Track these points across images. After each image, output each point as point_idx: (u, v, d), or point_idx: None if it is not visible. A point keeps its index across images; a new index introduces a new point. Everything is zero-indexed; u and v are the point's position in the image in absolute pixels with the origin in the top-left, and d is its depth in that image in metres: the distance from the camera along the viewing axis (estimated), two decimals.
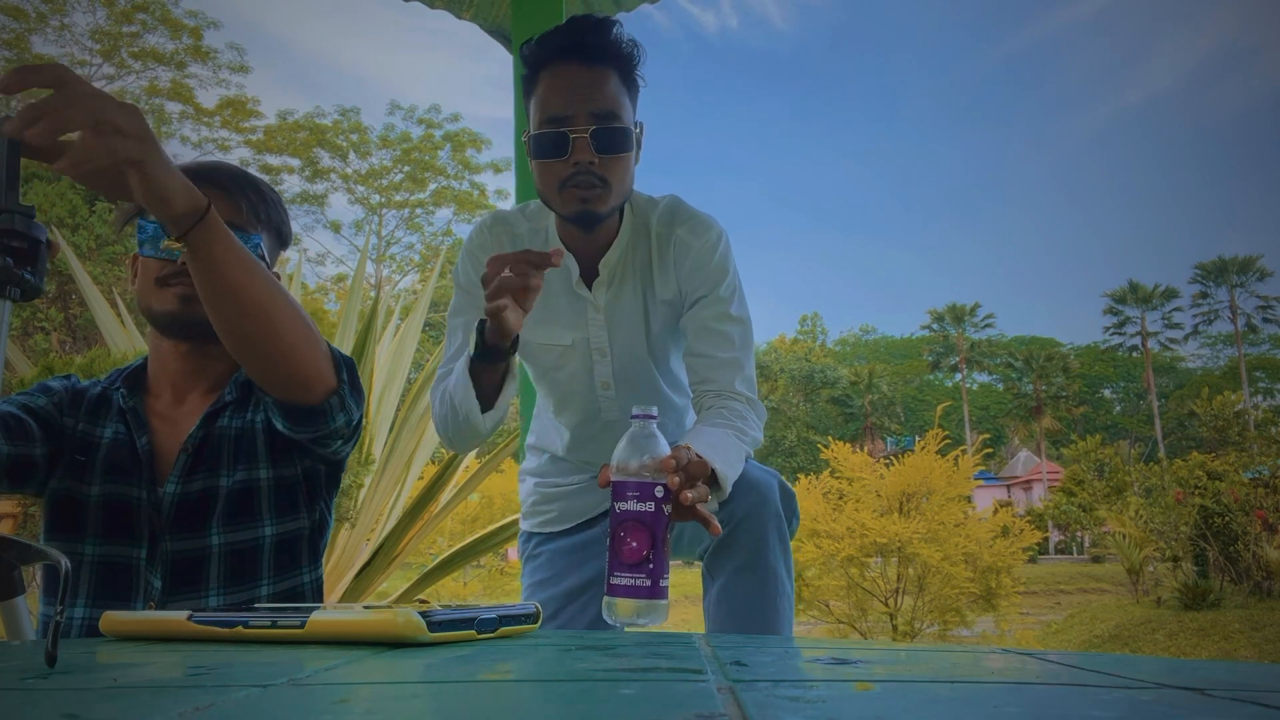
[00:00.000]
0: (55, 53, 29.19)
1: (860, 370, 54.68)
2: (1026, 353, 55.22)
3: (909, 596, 9.51)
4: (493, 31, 2.92)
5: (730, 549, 1.36)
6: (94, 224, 17.92)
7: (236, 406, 1.35)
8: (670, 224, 1.49)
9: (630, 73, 1.42)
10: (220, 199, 1.30)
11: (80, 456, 1.30)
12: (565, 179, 1.36)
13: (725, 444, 1.31)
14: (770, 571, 1.34)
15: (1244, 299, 53.17)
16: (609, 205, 1.40)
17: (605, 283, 1.50)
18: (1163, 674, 0.50)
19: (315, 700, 0.42)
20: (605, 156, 1.36)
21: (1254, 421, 38.06)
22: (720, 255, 1.48)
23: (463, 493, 4.22)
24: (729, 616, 1.35)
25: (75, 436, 1.31)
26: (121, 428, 1.32)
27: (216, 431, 1.32)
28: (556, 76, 1.37)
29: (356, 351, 3.75)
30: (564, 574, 1.62)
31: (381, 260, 36.34)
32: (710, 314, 1.47)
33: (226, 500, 1.29)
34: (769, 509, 1.34)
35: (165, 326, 1.31)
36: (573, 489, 1.67)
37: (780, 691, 0.43)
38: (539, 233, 1.53)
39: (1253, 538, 11.83)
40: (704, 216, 1.50)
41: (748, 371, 1.48)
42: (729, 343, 1.47)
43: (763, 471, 1.40)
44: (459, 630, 0.67)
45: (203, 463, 1.31)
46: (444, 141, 35.29)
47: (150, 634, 0.77)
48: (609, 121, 1.36)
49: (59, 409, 1.31)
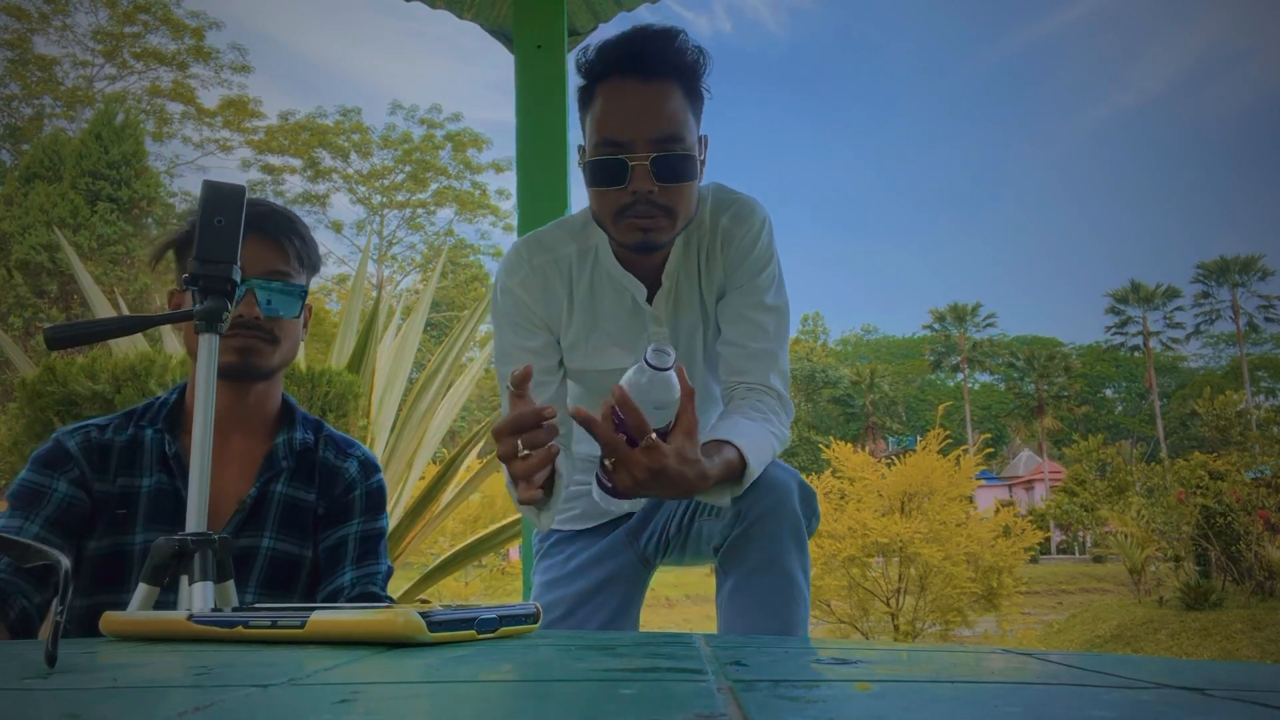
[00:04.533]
0: (57, 53, 29.25)
1: (862, 370, 54.64)
2: (1028, 352, 55.19)
3: (910, 596, 9.50)
4: (493, 31, 2.92)
5: (744, 549, 1.32)
6: (96, 224, 17.92)
7: (292, 476, 1.35)
8: (717, 214, 1.41)
9: (695, 85, 1.32)
10: (270, 247, 1.31)
11: (121, 510, 1.27)
12: (623, 208, 1.27)
13: (760, 440, 1.28)
14: (784, 574, 1.30)
15: (1245, 298, 53.17)
16: (671, 234, 1.31)
17: (666, 292, 1.42)
18: (1163, 674, 0.49)
19: (315, 700, 0.42)
20: (667, 185, 1.26)
21: (1256, 421, 38.02)
22: (763, 243, 1.41)
23: (464, 493, 4.22)
24: (740, 616, 1.31)
25: (113, 494, 1.27)
26: (163, 476, 1.29)
27: (269, 494, 1.33)
28: (615, 94, 1.27)
29: (358, 352, 3.75)
30: (578, 575, 1.57)
31: (383, 260, 36.36)
32: (747, 302, 1.40)
33: (269, 564, 1.30)
34: (785, 510, 1.30)
35: (222, 375, 1.28)
36: None
37: (781, 692, 0.43)
38: (588, 254, 1.43)
39: (1255, 538, 11.81)
40: (746, 201, 1.42)
41: (782, 364, 1.42)
42: (764, 333, 1.40)
43: (783, 470, 1.34)
44: (459, 630, 0.67)
45: (251, 523, 1.31)
46: (445, 141, 35.30)
47: (150, 634, 0.77)
48: (671, 147, 1.26)
49: (82, 486, 1.26)
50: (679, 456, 1.10)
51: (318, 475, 1.39)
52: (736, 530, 1.32)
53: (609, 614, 1.54)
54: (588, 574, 1.56)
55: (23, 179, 18.11)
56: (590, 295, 1.42)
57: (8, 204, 17.55)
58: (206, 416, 0.97)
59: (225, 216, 0.98)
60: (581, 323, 1.42)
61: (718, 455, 1.20)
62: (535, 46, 2.48)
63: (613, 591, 1.55)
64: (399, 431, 4.05)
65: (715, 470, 1.17)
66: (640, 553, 1.55)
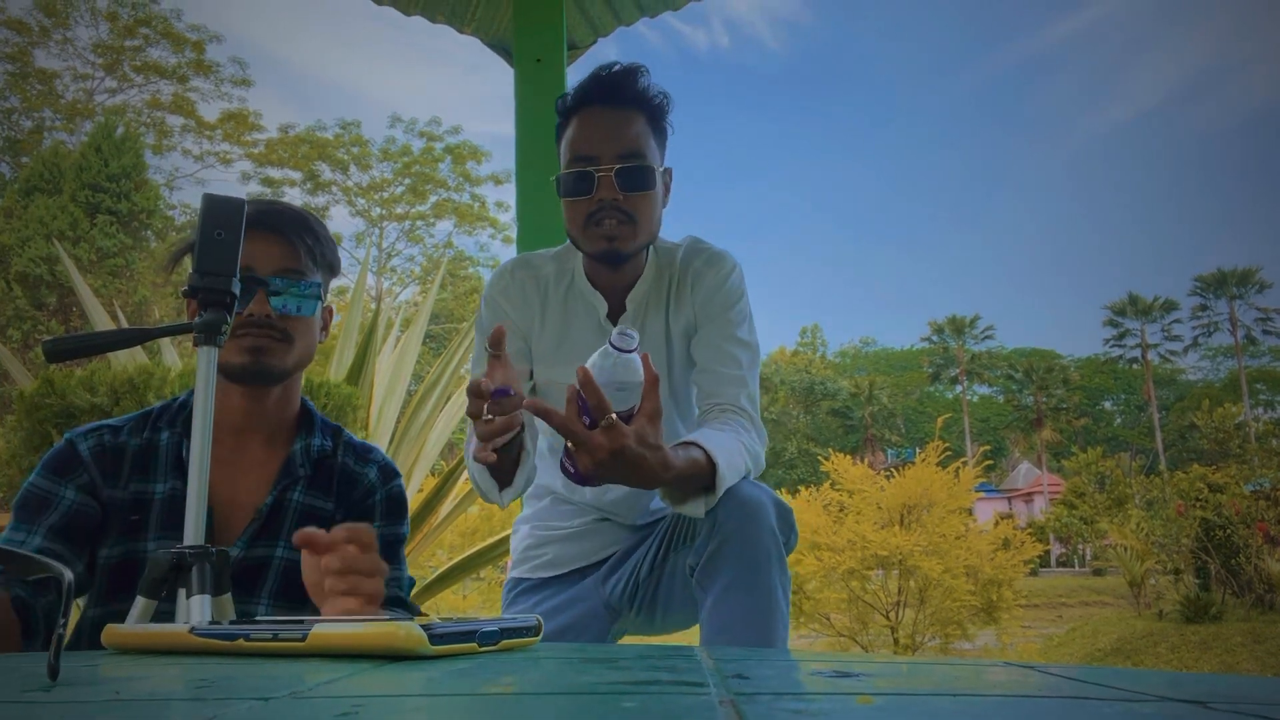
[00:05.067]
0: (58, 66, 29.35)
1: (860, 382, 54.68)
2: (1027, 364, 55.23)
3: (910, 609, 9.48)
4: (493, 45, 2.93)
5: (720, 565, 1.30)
6: (95, 237, 17.94)
7: (309, 484, 1.34)
8: (688, 260, 1.53)
9: (658, 120, 1.47)
10: (282, 245, 1.30)
11: (134, 516, 1.25)
12: (590, 215, 1.40)
13: (730, 447, 1.31)
14: (764, 590, 1.29)
15: (1243, 311, 53.28)
16: (635, 243, 1.43)
17: (630, 319, 1.52)
18: (1164, 687, 0.50)
19: (317, 713, 0.42)
20: (630, 194, 1.40)
21: (1255, 434, 38.03)
22: (733, 284, 1.52)
23: (462, 505, 4.21)
24: (720, 633, 1.30)
25: (126, 500, 1.25)
26: (177, 482, 1.26)
27: (286, 502, 1.31)
28: (586, 119, 1.43)
29: (357, 364, 3.75)
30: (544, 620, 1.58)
31: (382, 273, 36.40)
32: (719, 334, 1.50)
33: (282, 573, 1.29)
34: (762, 525, 1.30)
35: (236, 377, 1.28)
36: (572, 531, 1.63)
37: (782, 705, 0.43)
38: (565, 274, 1.54)
39: (1254, 550, 11.80)
40: (720, 251, 1.54)
41: (752, 390, 1.49)
42: (735, 362, 1.48)
43: (755, 488, 1.35)
44: (460, 643, 0.67)
45: (266, 531, 1.29)
46: (444, 154, 35.41)
47: (152, 647, 0.76)
48: (633, 160, 1.40)
49: (92, 493, 1.24)
50: (639, 438, 1.13)
51: (336, 482, 1.37)
52: (712, 545, 1.31)
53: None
54: (550, 620, 1.55)
55: (22, 192, 18.15)
56: (562, 310, 1.53)
57: (7, 217, 17.59)
58: (205, 426, 0.97)
59: (225, 229, 0.98)
60: (552, 335, 1.53)
61: (683, 451, 1.23)
62: (535, 60, 2.50)
63: (573, 639, 1.53)
64: (397, 443, 4.05)
65: (680, 462, 1.20)
66: (605, 599, 1.55)
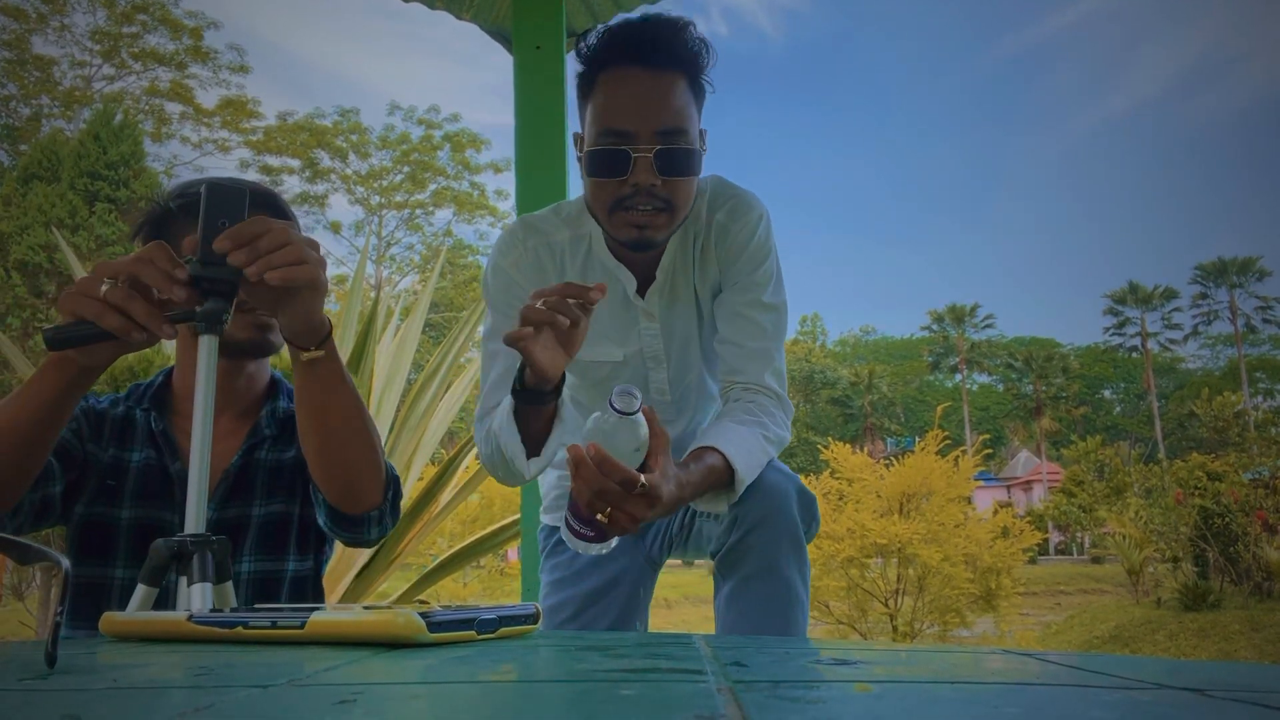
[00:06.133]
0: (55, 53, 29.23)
1: (860, 371, 54.66)
2: (1026, 353, 55.23)
3: (909, 597, 9.50)
4: (492, 32, 2.91)
5: (742, 555, 1.29)
6: (94, 225, 17.90)
7: (274, 441, 1.36)
8: (711, 209, 1.38)
9: (699, 78, 1.30)
10: None
11: (111, 481, 1.29)
12: (620, 199, 1.25)
13: (749, 444, 1.26)
14: (782, 581, 1.27)
15: (1243, 299, 53.20)
16: (667, 231, 1.29)
17: (660, 287, 1.40)
18: (1163, 675, 0.50)
19: (315, 701, 0.42)
20: (670, 179, 1.24)
21: (1254, 422, 38.09)
22: (759, 239, 1.38)
23: (462, 494, 4.21)
24: (738, 621, 1.30)
25: (104, 463, 1.29)
26: (152, 452, 1.31)
27: (254, 462, 1.34)
28: (620, 83, 1.24)
29: (356, 353, 3.75)
30: (586, 573, 1.54)
31: (381, 261, 36.34)
32: (743, 300, 1.38)
33: (259, 530, 1.32)
34: (783, 517, 1.27)
35: (236, 351, 1.30)
36: None
37: (780, 692, 0.43)
38: (581, 241, 1.40)
39: (1253, 538, 11.83)
40: (744, 196, 1.40)
41: (778, 364, 1.40)
42: (760, 331, 1.38)
43: (781, 475, 1.32)
44: (459, 631, 0.67)
45: (238, 492, 1.32)
46: (443, 142, 35.28)
47: (150, 634, 0.76)
48: (675, 140, 1.23)
49: (79, 438, 1.28)
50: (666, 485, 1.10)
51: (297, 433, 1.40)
52: (734, 537, 1.30)
53: (618, 613, 1.53)
54: (595, 574, 1.54)
55: (21, 180, 18.09)
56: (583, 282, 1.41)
57: (6, 204, 17.54)
58: (206, 415, 0.97)
59: (229, 218, 0.98)
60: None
61: (696, 464, 1.19)
62: (534, 47, 2.48)
63: (620, 591, 1.54)
64: (397, 432, 4.05)
65: (694, 477, 1.17)
66: (646, 553, 1.56)
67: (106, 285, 0.93)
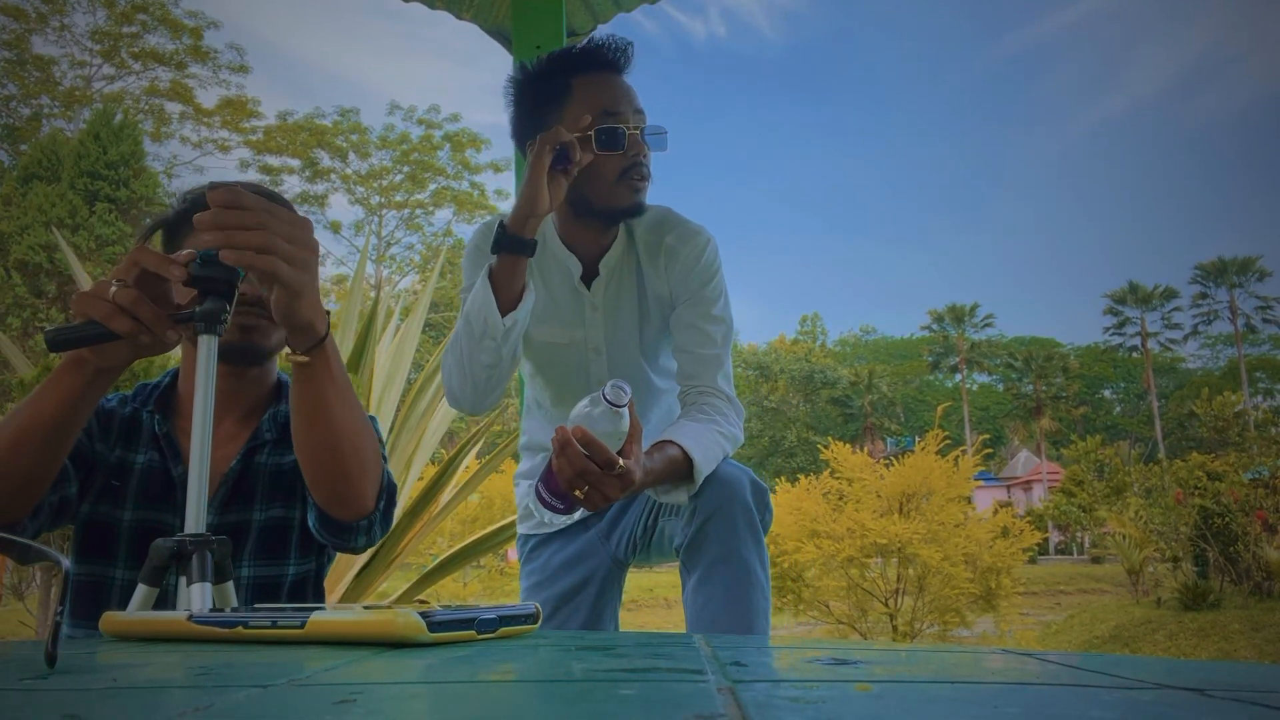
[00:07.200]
0: (55, 53, 29.21)
1: (860, 371, 54.62)
2: (1026, 353, 55.19)
3: (909, 597, 9.51)
4: (492, 32, 2.92)
5: (703, 543, 1.40)
6: (94, 225, 17.91)
7: (275, 445, 1.36)
8: (659, 232, 1.58)
9: None
10: None
11: (115, 481, 1.29)
12: (624, 170, 1.47)
13: (706, 439, 1.41)
14: (742, 564, 1.38)
15: (1243, 299, 53.14)
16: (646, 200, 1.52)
17: (604, 282, 1.58)
18: (1163, 674, 0.50)
19: (316, 701, 0.42)
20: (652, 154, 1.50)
21: (1254, 422, 38.04)
22: (707, 259, 1.58)
23: (462, 493, 4.22)
24: (704, 607, 1.38)
25: (110, 463, 1.30)
26: (155, 455, 1.31)
27: (254, 466, 1.34)
28: (603, 82, 1.49)
29: (356, 352, 3.75)
30: (559, 576, 1.68)
31: (381, 261, 36.34)
32: (696, 313, 1.57)
33: (260, 534, 1.32)
34: (738, 504, 1.39)
35: (226, 355, 1.29)
36: None
37: (780, 692, 0.43)
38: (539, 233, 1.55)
39: (1253, 538, 11.84)
40: (691, 224, 1.60)
41: (727, 368, 1.58)
42: (711, 340, 1.56)
43: (734, 468, 1.45)
44: (459, 630, 0.67)
45: (238, 495, 1.32)
46: (443, 142, 35.28)
47: (150, 634, 0.77)
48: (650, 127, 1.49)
49: (89, 436, 1.29)
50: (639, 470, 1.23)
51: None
52: (694, 526, 1.41)
53: (587, 612, 1.65)
54: (567, 575, 1.67)
55: (21, 179, 18.08)
56: (539, 269, 1.59)
57: (6, 204, 17.54)
58: (206, 416, 0.97)
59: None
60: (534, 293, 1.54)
61: (659, 453, 1.33)
62: (534, 47, 2.48)
63: (590, 591, 1.66)
64: (397, 432, 4.05)
65: (657, 465, 1.31)
66: (613, 553, 1.67)
67: (115, 287, 0.95)
